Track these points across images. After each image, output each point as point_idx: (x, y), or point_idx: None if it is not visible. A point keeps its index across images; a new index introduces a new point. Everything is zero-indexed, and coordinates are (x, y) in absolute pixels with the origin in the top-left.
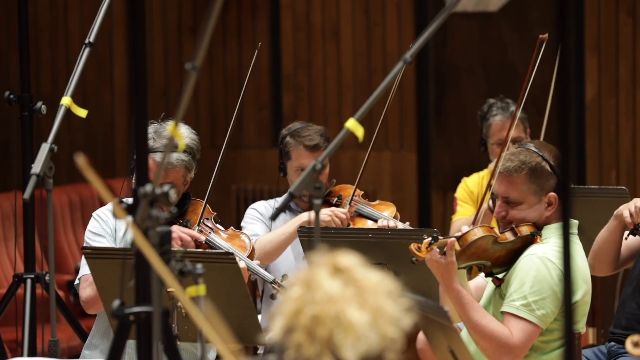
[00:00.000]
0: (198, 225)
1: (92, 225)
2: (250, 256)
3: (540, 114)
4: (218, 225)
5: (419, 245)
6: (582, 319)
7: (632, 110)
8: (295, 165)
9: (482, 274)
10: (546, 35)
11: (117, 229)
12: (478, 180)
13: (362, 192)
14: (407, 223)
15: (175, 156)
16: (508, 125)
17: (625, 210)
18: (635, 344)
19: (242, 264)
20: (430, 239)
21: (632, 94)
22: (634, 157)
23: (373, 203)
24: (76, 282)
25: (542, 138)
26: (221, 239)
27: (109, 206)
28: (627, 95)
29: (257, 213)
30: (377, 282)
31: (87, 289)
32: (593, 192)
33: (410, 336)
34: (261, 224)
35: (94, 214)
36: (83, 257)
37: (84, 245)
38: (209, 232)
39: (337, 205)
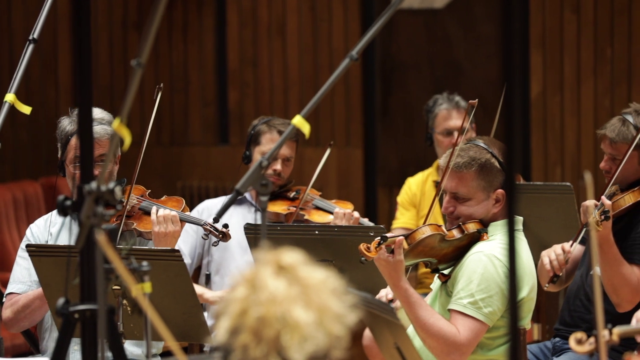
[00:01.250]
0: (129, 195)
1: (23, 242)
2: (184, 212)
3: (485, 110)
4: (151, 198)
5: (368, 245)
6: (527, 316)
7: (577, 107)
8: (265, 149)
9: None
10: (476, 101)
11: (50, 238)
12: (422, 179)
13: (320, 193)
14: (366, 219)
15: (100, 128)
16: (453, 114)
17: (546, 257)
18: (579, 341)
19: (173, 213)
20: (379, 238)
21: (577, 91)
22: (578, 154)
23: (331, 201)
24: (3, 298)
25: (492, 135)
26: (154, 202)
27: (44, 217)
28: (572, 92)
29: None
30: (322, 280)
31: (7, 309)
32: (538, 188)
33: (355, 333)
34: (190, 239)
35: (27, 230)
36: (13, 271)
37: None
38: (142, 201)
39: (294, 200)
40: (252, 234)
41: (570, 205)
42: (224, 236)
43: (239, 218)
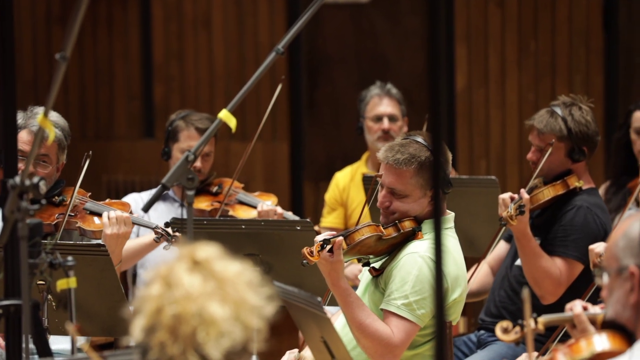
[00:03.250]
0: (73, 195)
1: None
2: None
3: (412, 104)
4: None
5: (312, 249)
6: (458, 316)
7: (502, 100)
8: (183, 146)
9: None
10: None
11: None
12: (350, 172)
13: (243, 185)
14: (290, 212)
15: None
16: (384, 101)
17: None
18: (505, 330)
19: (125, 215)
20: (321, 242)
21: (502, 84)
22: (503, 147)
23: (254, 194)
24: None
25: (424, 128)
26: (100, 204)
27: None
28: (497, 85)
29: None
30: (237, 273)
31: None
32: (464, 182)
33: (280, 325)
34: None
35: None
36: None
37: None
38: (86, 202)
39: (216, 194)
40: (179, 228)
41: (496, 199)
42: (177, 240)
43: (163, 213)
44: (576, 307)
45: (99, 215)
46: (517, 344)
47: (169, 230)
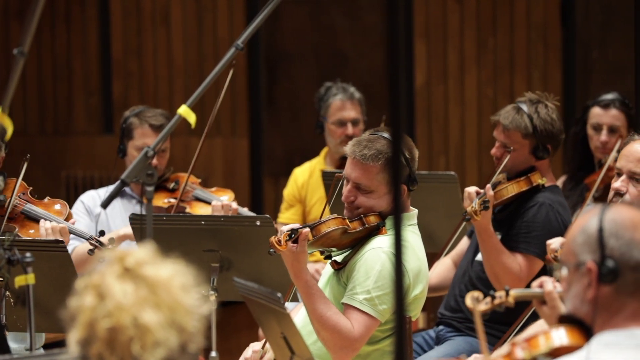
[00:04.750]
0: (11, 199)
1: None
2: (67, 219)
3: (371, 100)
4: (34, 199)
5: (280, 238)
6: (418, 312)
7: (461, 96)
8: (138, 144)
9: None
10: (342, 173)
11: None
12: (309, 168)
13: (200, 180)
14: (246, 208)
15: None
16: (347, 105)
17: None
18: (476, 300)
19: (62, 225)
20: (289, 231)
21: (461, 80)
22: (462, 143)
23: (211, 189)
24: None
25: (382, 125)
26: (38, 207)
27: None
28: (456, 81)
29: (83, 207)
30: (169, 276)
31: None
32: (423, 177)
33: (242, 323)
34: (85, 221)
35: None
36: None
37: None
38: (25, 203)
39: (173, 191)
40: (138, 224)
41: (455, 194)
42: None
43: (121, 210)
44: (547, 283)
45: (37, 221)
46: (484, 316)
47: (104, 240)
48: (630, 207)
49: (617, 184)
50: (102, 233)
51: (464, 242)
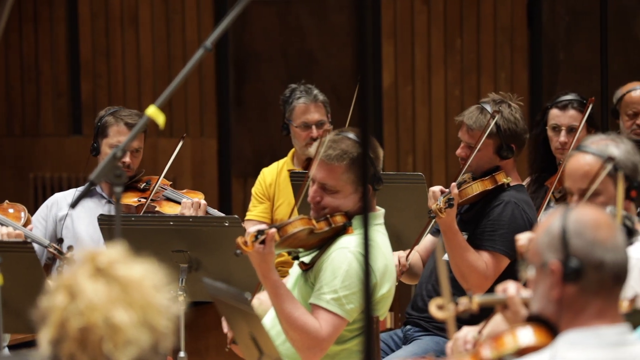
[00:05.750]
0: None
1: None
2: (26, 224)
3: (339, 99)
4: None
5: (246, 239)
6: (386, 311)
7: (428, 97)
8: (113, 142)
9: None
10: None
11: None
12: (277, 168)
13: (171, 183)
14: (216, 210)
15: None
16: (312, 108)
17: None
18: (440, 307)
19: (18, 231)
20: (256, 232)
21: (428, 81)
22: (429, 143)
23: (181, 191)
24: None
25: (346, 125)
26: None
27: None
28: (423, 82)
29: (45, 212)
30: (141, 276)
31: None
32: (391, 177)
33: (213, 323)
34: (47, 226)
35: None
36: None
37: None
38: None
39: (144, 191)
40: (107, 225)
41: (422, 194)
42: (67, 260)
43: (89, 211)
44: (510, 288)
45: None
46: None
47: (62, 248)
48: (593, 207)
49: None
50: (60, 241)
51: (430, 238)
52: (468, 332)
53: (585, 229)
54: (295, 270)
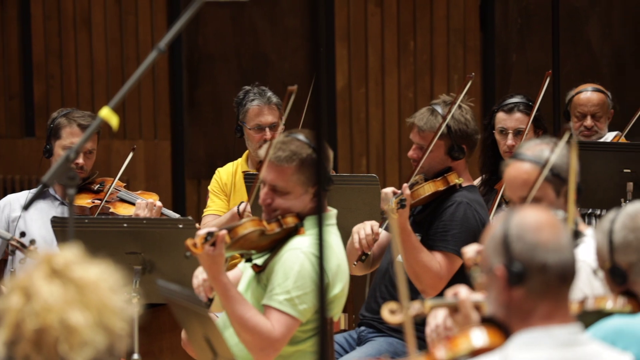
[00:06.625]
0: None
1: None
2: None
3: (293, 101)
4: None
5: (195, 241)
6: (339, 312)
7: (382, 98)
8: (66, 143)
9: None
10: (295, 86)
11: None
12: (232, 169)
13: (125, 184)
14: (171, 211)
15: None
16: (265, 110)
17: (356, 234)
18: (392, 312)
19: None
20: (206, 234)
21: (381, 82)
22: (383, 145)
23: (136, 192)
24: None
25: (300, 126)
26: None
27: None
28: (377, 84)
29: None
30: (97, 278)
31: None
32: (345, 179)
33: (170, 324)
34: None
35: None
36: None
37: None
38: None
39: (98, 192)
40: (60, 227)
41: (376, 196)
42: (31, 253)
43: (42, 212)
44: (461, 292)
45: None
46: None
47: (24, 241)
48: (537, 209)
49: None
50: (23, 234)
51: (383, 233)
52: (443, 317)
53: (526, 232)
54: (247, 274)
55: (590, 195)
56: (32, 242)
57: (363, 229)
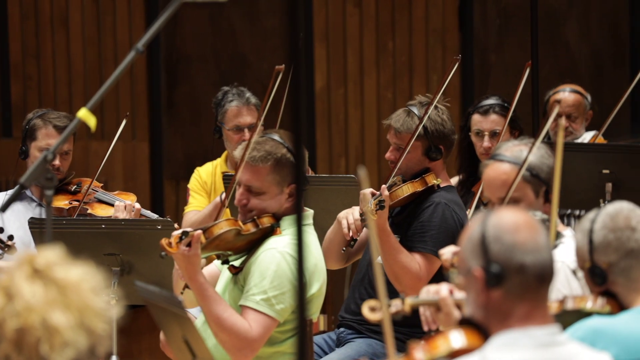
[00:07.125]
0: None
1: None
2: None
3: (272, 102)
4: None
5: (170, 240)
6: (317, 311)
7: (360, 99)
8: (41, 145)
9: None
10: (282, 66)
11: None
12: (212, 169)
13: (102, 185)
14: (149, 211)
15: None
16: (244, 111)
17: (344, 220)
18: (372, 309)
19: None
20: (180, 233)
21: (360, 83)
22: (362, 146)
23: (113, 193)
24: None
25: (277, 126)
26: None
27: None
28: (355, 84)
29: None
30: (79, 278)
31: None
32: (324, 180)
33: (149, 326)
34: None
35: None
36: None
37: None
38: None
39: (75, 193)
40: (37, 228)
41: (355, 197)
42: (9, 248)
43: (19, 214)
44: (442, 290)
45: None
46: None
47: (3, 237)
48: (515, 210)
49: None
50: (1, 230)
51: (366, 232)
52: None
53: (503, 233)
54: (224, 275)
55: (569, 195)
56: (10, 237)
57: (351, 214)
